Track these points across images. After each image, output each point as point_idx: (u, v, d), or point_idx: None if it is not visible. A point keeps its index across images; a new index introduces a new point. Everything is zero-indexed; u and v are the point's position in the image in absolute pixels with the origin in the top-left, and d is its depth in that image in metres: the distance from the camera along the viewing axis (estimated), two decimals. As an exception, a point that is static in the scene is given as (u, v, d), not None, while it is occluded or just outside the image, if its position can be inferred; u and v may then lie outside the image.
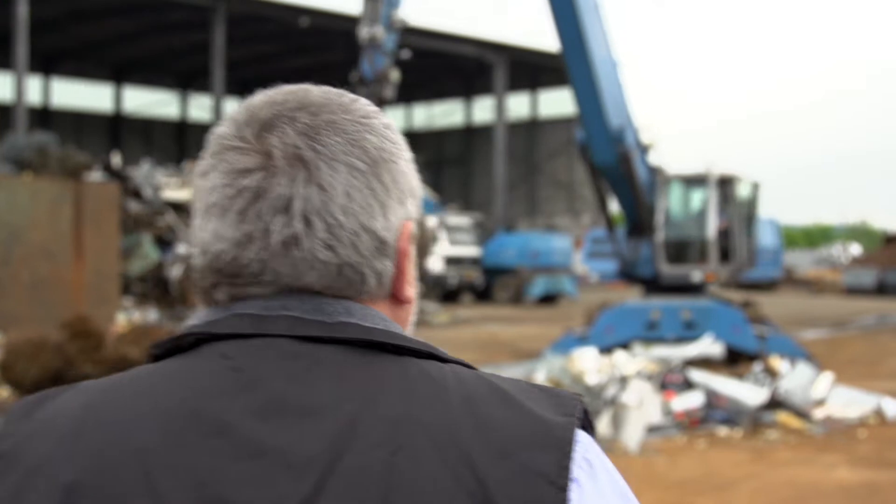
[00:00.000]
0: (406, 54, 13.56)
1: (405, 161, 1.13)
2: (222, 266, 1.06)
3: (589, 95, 17.35)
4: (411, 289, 1.14)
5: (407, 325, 1.14)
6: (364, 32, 13.25)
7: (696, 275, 18.16)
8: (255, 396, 1.00)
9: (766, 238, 20.59)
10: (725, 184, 18.67)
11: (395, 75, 13.35)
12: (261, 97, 1.12)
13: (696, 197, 18.82)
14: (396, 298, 1.12)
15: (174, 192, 27.89)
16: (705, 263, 18.14)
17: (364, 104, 1.13)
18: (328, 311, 1.05)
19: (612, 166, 17.87)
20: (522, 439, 0.99)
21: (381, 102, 13.50)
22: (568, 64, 17.37)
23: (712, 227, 18.06)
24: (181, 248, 25.63)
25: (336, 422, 0.98)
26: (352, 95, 1.14)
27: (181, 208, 26.94)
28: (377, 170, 1.08)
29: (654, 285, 18.67)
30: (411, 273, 1.14)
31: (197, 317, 1.10)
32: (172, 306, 25.00)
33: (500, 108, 62.82)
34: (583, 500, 0.99)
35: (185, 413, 0.99)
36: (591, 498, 1.00)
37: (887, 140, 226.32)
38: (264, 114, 1.08)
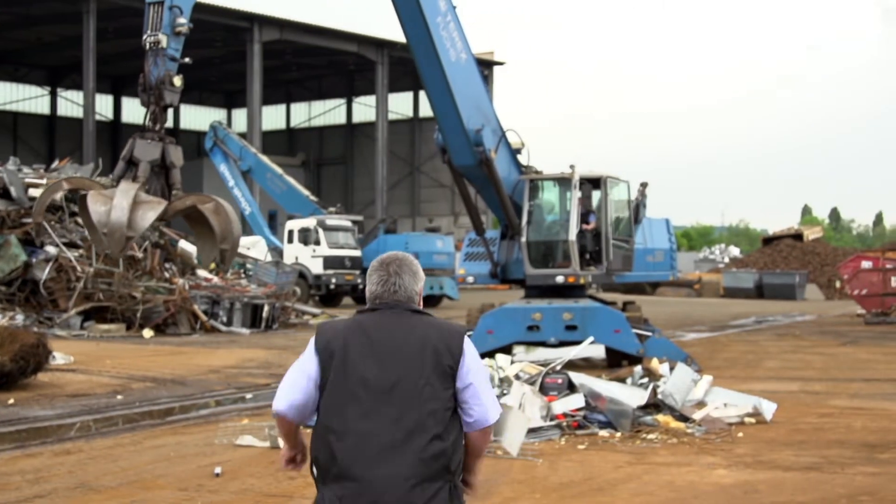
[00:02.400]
0: (187, 60, 13.84)
1: (421, 273, 4.26)
2: (378, 296, 4.18)
3: (442, 98, 17.11)
4: (421, 302, 4.27)
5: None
6: (147, 38, 13.44)
7: (560, 277, 18.03)
8: (385, 322, 4.13)
9: (659, 239, 20.54)
10: (595, 184, 18.53)
11: (178, 81, 13.56)
12: (385, 255, 4.26)
13: (563, 198, 18.59)
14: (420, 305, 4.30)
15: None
16: (567, 266, 18.01)
17: (412, 257, 4.28)
18: (405, 306, 4.17)
19: (473, 168, 17.71)
20: (452, 329, 4.17)
21: (164, 108, 13.65)
22: (419, 67, 17.14)
23: (573, 228, 17.90)
24: (50, 249, 24.75)
25: (405, 329, 4.11)
26: (408, 254, 4.33)
27: (50, 208, 26.00)
28: (416, 275, 4.23)
29: (530, 287, 18.63)
30: (421, 298, 4.27)
31: (371, 305, 4.20)
32: (40, 309, 24.14)
33: (382, 107, 62.58)
34: (468, 351, 4.11)
35: (375, 324, 4.12)
36: (469, 352, 4.11)
37: (768, 142, 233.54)
38: (387, 260, 4.23)
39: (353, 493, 3.93)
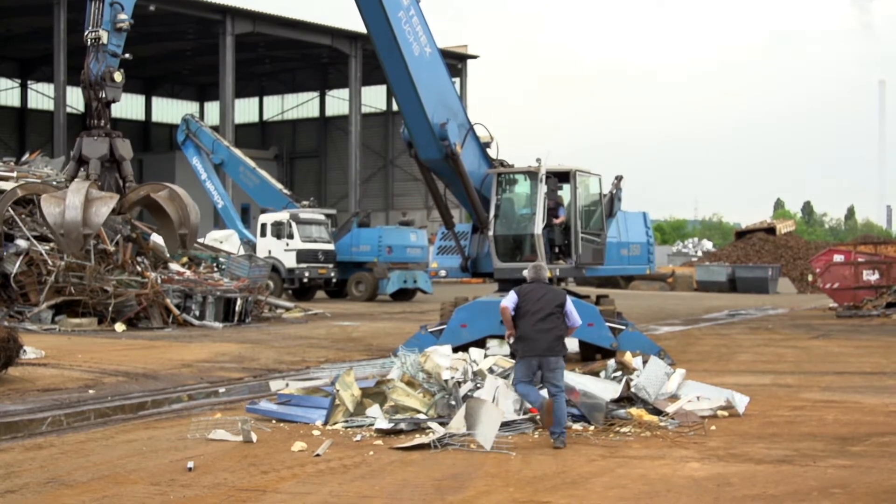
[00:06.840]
0: (128, 56, 13.89)
1: (547, 269, 11.95)
2: (532, 278, 11.11)
3: (406, 93, 17.06)
4: (548, 279, 11.60)
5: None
6: (88, 34, 13.43)
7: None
8: (537, 288, 10.96)
9: (636, 233, 20.53)
10: (564, 178, 18.47)
11: (118, 77, 13.59)
12: (534, 263, 12.18)
13: (531, 192, 18.45)
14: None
15: (13, 185, 26.67)
16: (534, 260, 17.91)
17: (544, 264, 11.94)
18: (543, 282, 11.12)
19: (439, 162, 17.66)
20: (560, 291, 11.24)
21: (107, 103, 13.67)
22: (382, 61, 17.07)
23: (539, 222, 17.85)
24: (21, 243, 24.55)
25: (547, 290, 10.97)
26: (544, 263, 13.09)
27: (21, 201, 25.80)
28: (546, 271, 11.40)
29: (500, 281, 18.58)
30: (548, 277, 11.87)
31: (529, 282, 11.08)
32: (11, 303, 23.95)
33: (355, 100, 62.41)
34: (567, 299, 10.93)
35: (534, 288, 10.95)
36: (568, 299, 10.97)
37: (741, 136, 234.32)
38: (536, 264, 11.39)
39: (527, 347, 10.58)
